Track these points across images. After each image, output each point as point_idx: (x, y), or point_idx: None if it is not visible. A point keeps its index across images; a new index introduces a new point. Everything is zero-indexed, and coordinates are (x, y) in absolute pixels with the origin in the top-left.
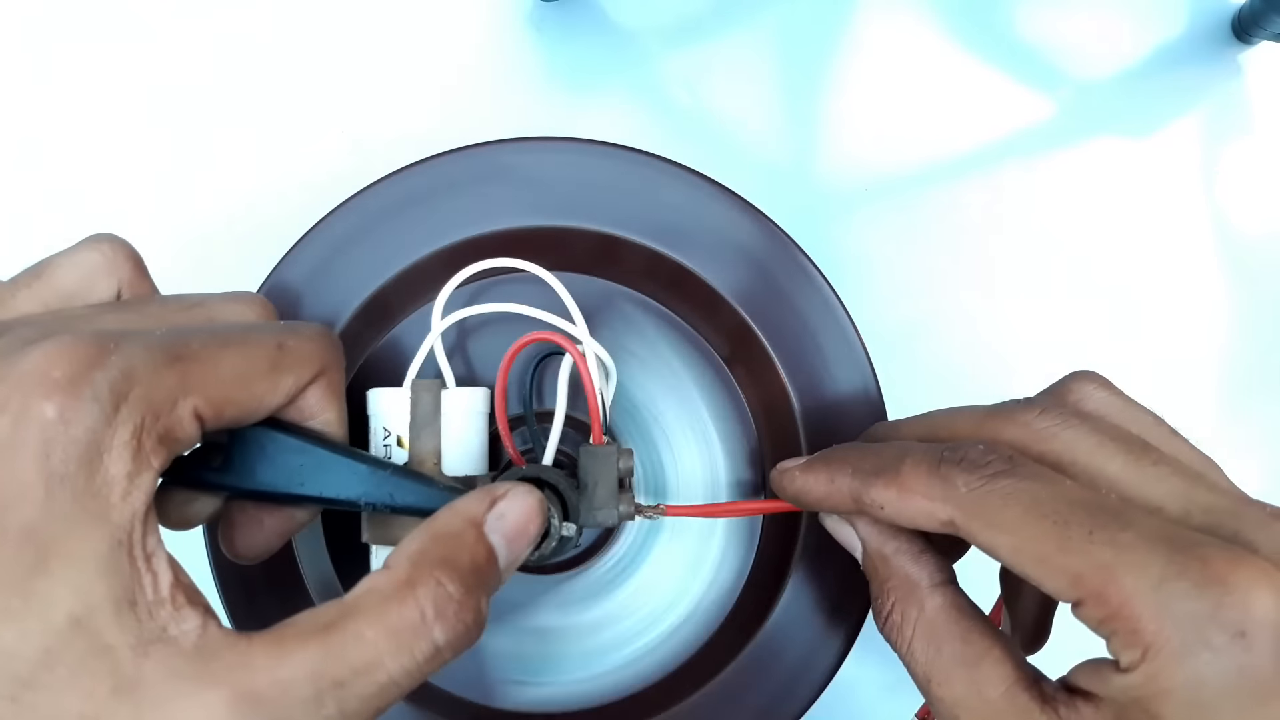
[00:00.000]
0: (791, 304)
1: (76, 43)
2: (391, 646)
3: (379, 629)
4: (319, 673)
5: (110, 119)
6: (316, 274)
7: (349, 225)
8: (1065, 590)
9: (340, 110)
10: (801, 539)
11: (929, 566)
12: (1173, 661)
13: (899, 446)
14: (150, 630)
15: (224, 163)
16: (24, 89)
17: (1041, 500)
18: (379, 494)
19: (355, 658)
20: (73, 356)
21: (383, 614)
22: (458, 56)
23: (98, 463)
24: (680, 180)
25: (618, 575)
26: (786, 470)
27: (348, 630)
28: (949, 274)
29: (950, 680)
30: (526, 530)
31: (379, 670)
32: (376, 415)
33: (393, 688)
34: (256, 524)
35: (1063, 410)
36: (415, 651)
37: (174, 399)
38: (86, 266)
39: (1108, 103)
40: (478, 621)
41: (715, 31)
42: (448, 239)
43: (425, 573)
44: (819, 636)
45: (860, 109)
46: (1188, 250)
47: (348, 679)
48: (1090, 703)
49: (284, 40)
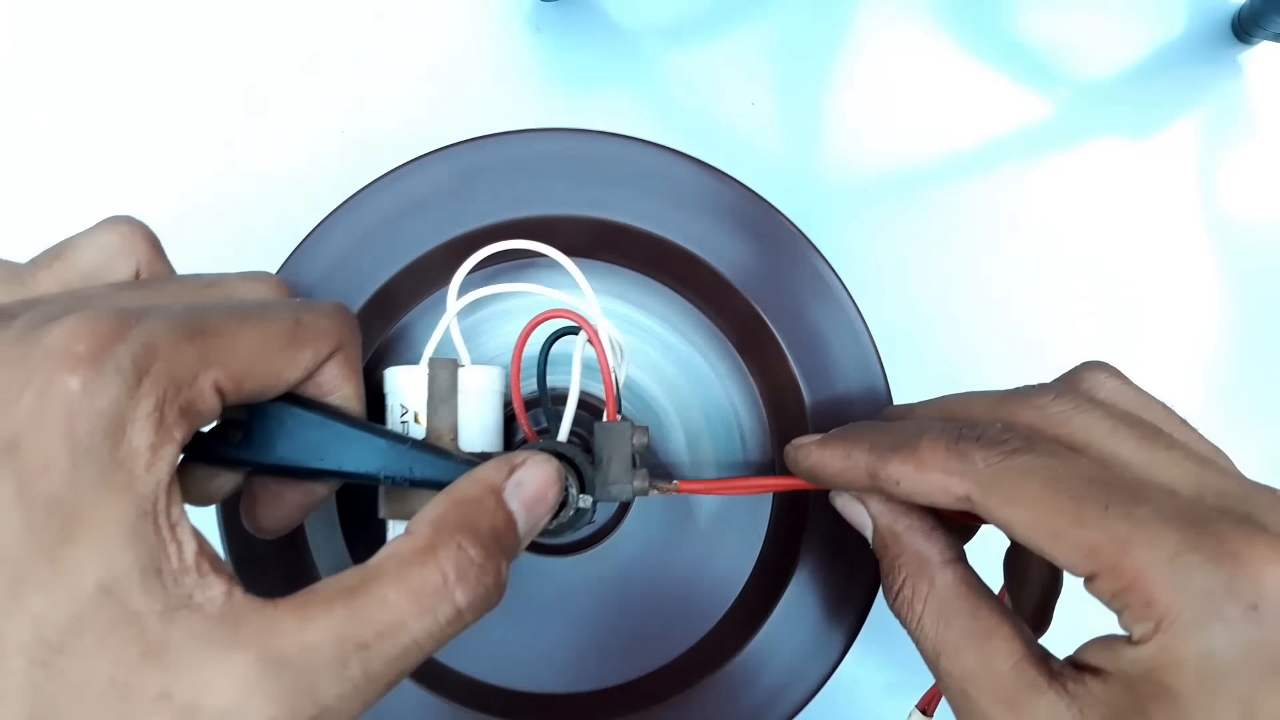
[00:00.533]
0: (802, 297)
1: (84, 43)
2: (414, 609)
3: (402, 592)
4: (343, 635)
5: (124, 109)
6: (327, 267)
7: (357, 220)
8: (1080, 564)
9: (340, 110)
10: (809, 528)
11: (940, 543)
12: (1185, 633)
13: (917, 424)
14: (176, 597)
15: (229, 157)
16: (42, 81)
17: (1059, 476)
18: (398, 467)
19: (379, 620)
20: (95, 331)
21: (405, 577)
22: (458, 56)
23: (122, 434)
24: (692, 171)
25: (627, 558)
26: (802, 445)
27: (371, 593)
28: (949, 273)
29: (960, 654)
30: (545, 497)
31: (402, 632)
32: (394, 392)
33: (416, 649)
34: (278, 498)
35: (1076, 396)
36: (438, 613)
37: (195, 372)
38: (105, 247)
39: (1108, 102)
40: (498, 585)
41: (715, 31)
42: (456, 230)
43: (446, 537)
44: (821, 630)
45: (860, 109)
46: (1187, 250)
47: (372, 641)
48: (1099, 678)
49: (283, 40)
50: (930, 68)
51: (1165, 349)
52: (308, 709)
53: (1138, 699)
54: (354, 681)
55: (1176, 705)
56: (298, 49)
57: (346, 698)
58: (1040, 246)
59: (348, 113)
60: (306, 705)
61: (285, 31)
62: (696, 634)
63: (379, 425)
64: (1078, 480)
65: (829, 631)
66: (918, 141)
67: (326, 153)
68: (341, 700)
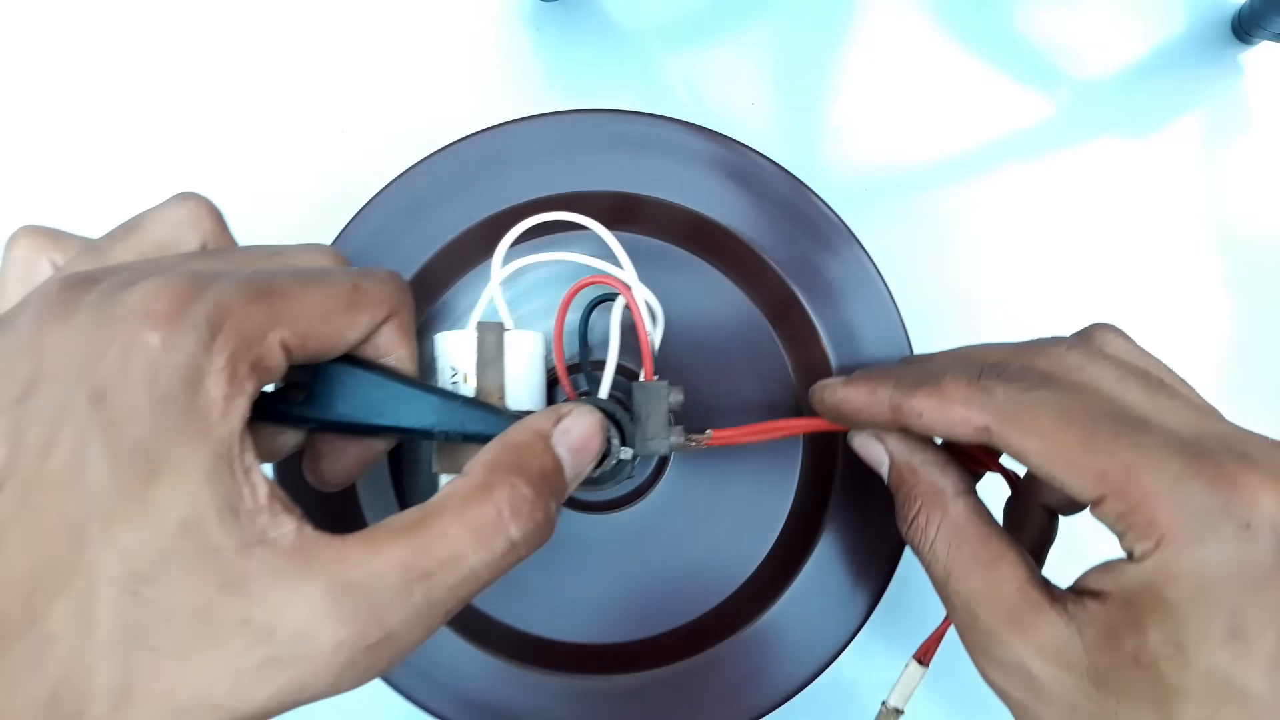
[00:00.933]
0: (834, 274)
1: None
2: (472, 541)
3: (461, 526)
4: (408, 565)
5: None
6: (368, 252)
7: (395, 203)
8: (1089, 487)
9: (339, 110)
10: (835, 492)
11: (953, 476)
12: (1183, 549)
13: (940, 363)
14: (251, 534)
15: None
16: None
17: (1073, 409)
18: (451, 422)
19: (440, 551)
20: (172, 292)
21: (464, 513)
22: (458, 56)
23: (199, 385)
24: (720, 146)
25: (663, 515)
26: (828, 385)
27: (432, 528)
28: (949, 272)
29: (969, 576)
30: (589, 445)
31: (462, 563)
32: (443, 355)
33: (474, 579)
34: (340, 453)
35: (1089, 348)
36: (494, 546)
37: (264, 330)
38: (174, 220)
39: (1108, 102)
40: (548, 521)
41: (715, 31)
42: (492, 209)
43: (501, 476)
44: (846, 591)
45: (860, 109)
46: (1187, 249)
47: (434, 570)
48: (1097, 599)
49: (282, 41)
50: (930, 68)
51: (1165, 348)
52: (375, 632)
53: (1134, 613)
54: (417, 608)
55: (1171, 615)
56: (294, 49)
57: (410, 622)
58: (1040, 245)
59: (347, 113)
60: (374, 628)
61: (284, 32)
62: (722, 594)
63: (432, 385)
64: (1090, 413)
65: (854, 592)
66: (918, 141)
67: (326, 153)
68: (405, 625)
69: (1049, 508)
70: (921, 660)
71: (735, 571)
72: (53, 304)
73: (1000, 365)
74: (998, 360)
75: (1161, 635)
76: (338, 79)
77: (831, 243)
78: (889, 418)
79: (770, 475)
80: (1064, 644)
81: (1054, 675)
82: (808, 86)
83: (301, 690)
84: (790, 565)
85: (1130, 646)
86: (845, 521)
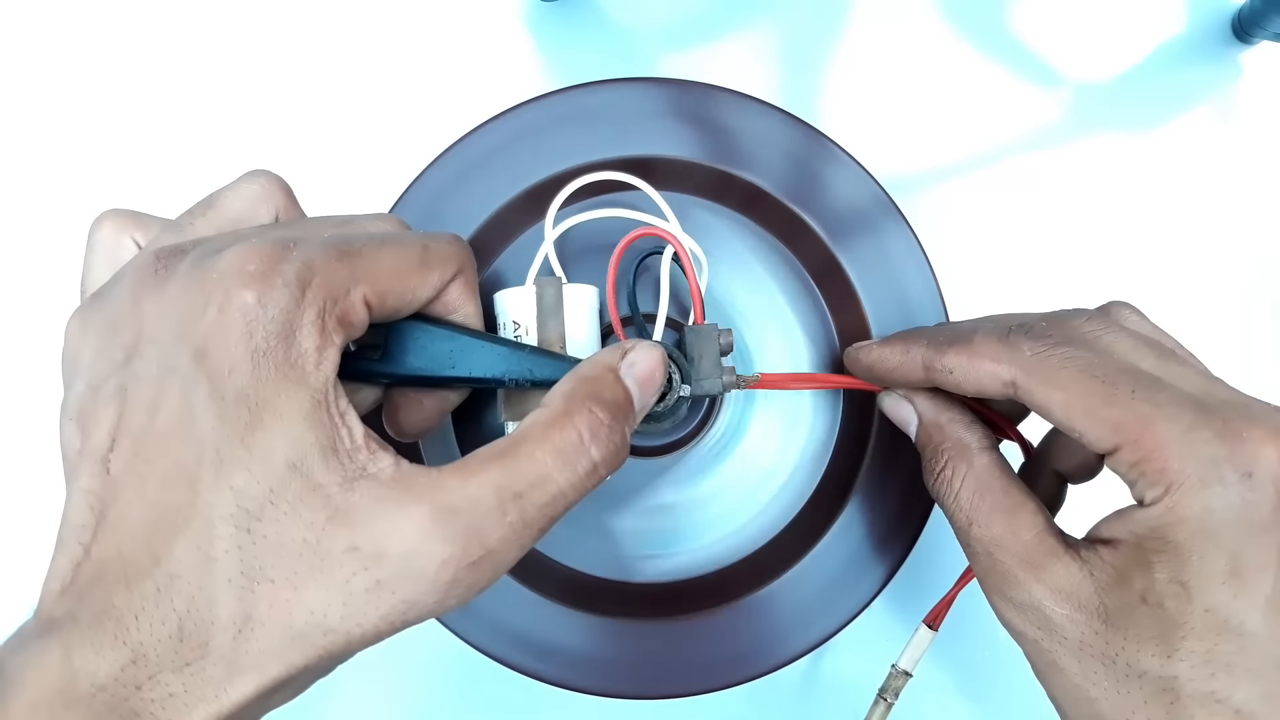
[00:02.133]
0: (878, 242)
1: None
2: (558, 463)
3: (547, 449)
4: (501, 487)
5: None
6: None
7: (438, 179)
8: (1106, 437)
9: (340, 109)
10: (868, 457)
11: (978, 433)
12: (1190, 494)
13: (970, 323)
14: (352, 470)
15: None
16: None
17: (1094, 365)
18: (520, 370)
19: (529, 473)
20: (262, 254)
21: (548, 438)
22: (458, 56)
23: (293, 338)
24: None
25: (719, 454)
26: (863, 345)
27: (521, 453)
28: (949, 272)
29: (991, 523)
30: (653, 377)
31: (550, 483)
32: (504, 312)
33: (561, 498)
34: (417, 405)
35: (1107, 319)
36: (578, 466)
37: (347, 287)
38: (248, 196)
39: (1108, 102)
40: (624, 443)
41: (715, 31)
42: (541, 175)
43: (579, 404)
44: (875, 548)
45: (861, 109)
46: (1187, 249)
47: (525, 490)
48: (1108, 546)
49: (283, 40)
50: (930, 68)
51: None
52: (476, 549)
53: (1143, 555)
54: (513, 526)
55: (1176, 555)
56: (293, 49)
57: (507, 540)
58: (1040, 245)
59: (348, 112)
60: (475, 546)
61: (284, 32)
62: (751, 547)
63: (500, 336)
64: (1110, 369)
65: (876, 558)
66: (917, 141)
67: (325, 152)
68: (503, 542)
69: (1060, 474)
70: (931, 625)
71: (765, 526)
72: (147, 274)
73: (1027, 325)
74: (1024, 322)
75: (1167, 574)
76: (337, 79)
77: (881, 223)
78: (921, 375)
79: (807, 440)
80: (1076, 585)
81: (1066, 614)
82: (807, 86)
83: (410, 609)
84: (817, 526)
85: (1138, 586)
86: (873, 491)
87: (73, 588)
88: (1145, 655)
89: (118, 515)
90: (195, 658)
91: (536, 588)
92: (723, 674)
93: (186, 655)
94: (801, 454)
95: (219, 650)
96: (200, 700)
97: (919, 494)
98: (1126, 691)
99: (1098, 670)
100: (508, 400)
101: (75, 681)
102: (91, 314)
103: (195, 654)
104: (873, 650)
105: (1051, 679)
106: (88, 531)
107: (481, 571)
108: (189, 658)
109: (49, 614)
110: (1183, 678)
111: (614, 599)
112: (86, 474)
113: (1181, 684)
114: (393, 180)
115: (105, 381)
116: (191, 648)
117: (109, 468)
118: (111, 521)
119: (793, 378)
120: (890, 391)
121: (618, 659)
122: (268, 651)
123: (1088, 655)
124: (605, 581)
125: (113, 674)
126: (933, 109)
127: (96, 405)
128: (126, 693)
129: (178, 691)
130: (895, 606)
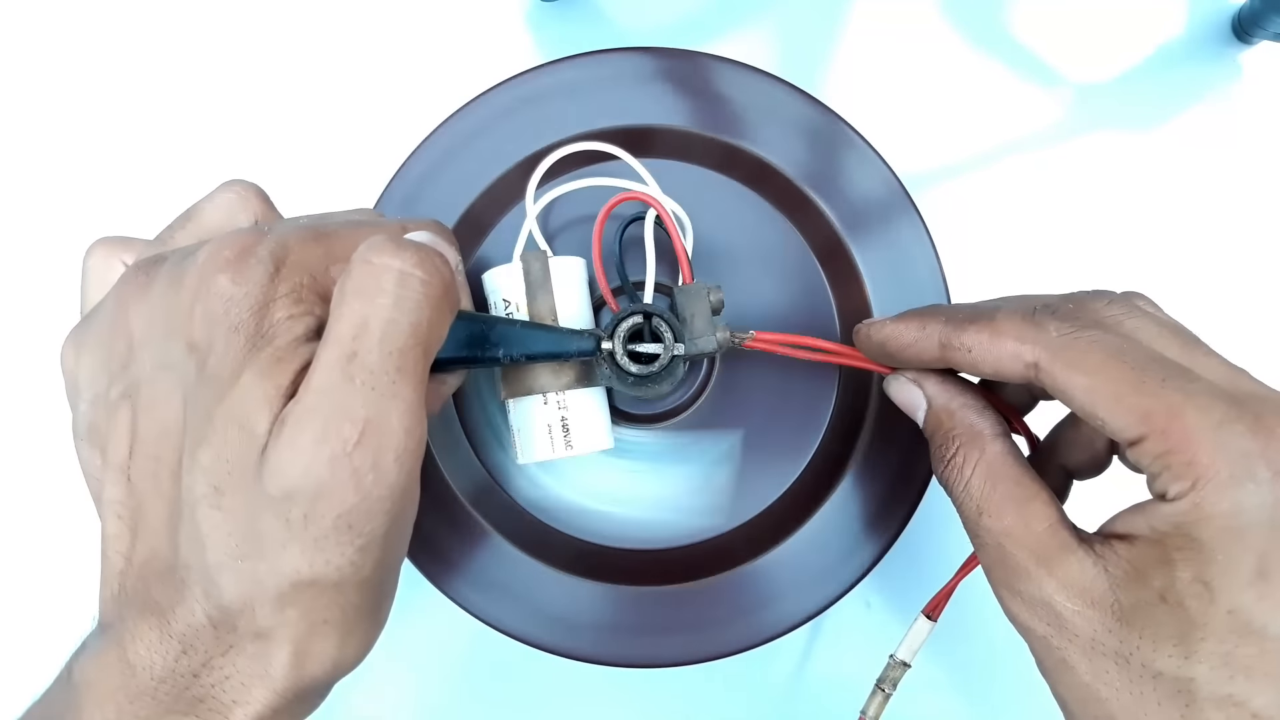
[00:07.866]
0: (885, 226)
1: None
2: (364, 302)
3: (348, 295)
4: (333, 361)
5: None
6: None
7: (421, 169)
8: (1132, 426)
9: (340, 110)
10: (863, 434)
11: (991, 419)
12: (1219, 490)
13: (992, 302)
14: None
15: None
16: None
17: (1123, 350)
18: (514, 345)
19: (347, 328)
20: (237, 240)
21: (344, 287)
22: (457, 56)
23: (266, 311)
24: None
25: (708, 428)
26: (874, 322)
27: (333, 317)
28: (949, 272)
29: (1002, 513)
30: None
31: (371, 323)
32: (494, 291)
33: (394, 326)
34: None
35: (1129, 304)
36: (384, 288)
37: (325, 265)
38: (225, 205)
39: (1108, 102)
40: (428, 250)
41: (715, 31)
42: (521, 154)
43: (355, 251)
44: (871, 521)
45: (861, 109)
46: (1187, 249)
47: (354, 347)
48: (1125, 542)
49: (281, 41)
50: (929, 68)
51: None
52: (348, 428)
53: (1164, 552)
54: (365, 383)
55: (1201, 554)
56: (292, 50)
57: (371, 400)
58: (1040, 245)
59: (347, 112)
60: (345, 426)
61: (283, 33)
62: (746, 515)
63: (492, 315)
64: (1140, 355)
65: (869, 532)
66: (917, 141)
67: (324, 152)
68: (369, 405)
69: (1067, 469)
70: (930, 615)
71: (761, 494)
72: (131, 285)
73: (1052, 305)
74: (1049, 302)
75: (1190, 573)
76: (337, 79)
77: (890, 204)
78: (936, 354)
79: (802, 413)
80: (1090, 581)
81: (1078, 611)
82: (808, 86)
83: (350, 528)
84: (814, 498)
85: (1157, 584)
86: (869, 466)
87: (122, 593)
88: (1162, 655)
89: (145, 519)
90: (233, 641)
91: (541, 556)
92: (711, 644)
93: (225, 639)
94: (793, 436)
95: (246, 629)
96: (254, 678)
97: (909, 483)
98: (1140, 692)
99: (1109, 669)
100: (506, 378)
101: (135, 677)
102: (83, 334)
103: (231, 637)
104: (871, 640)
105: (1059, 677)
106: (124, 541)
107: (369, 448)
108: (229, 641)
109: (106, 620)
110: (1200, 680)
111: (611, 567)
112: (110, 486)
113: (1199, 686)
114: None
115: (107, 392)
116: (225, 632)
117: (129, 475)
118: (142, 526)
119: (790, 339)
120: (899, 374)
121: (617, 624)
122: (284, 623)
123: (1099, 654)
124: (599, 548)
125: (169, 665)
126: (935, 109)
127: (105, 418)
128: (186, 682)
129: (232, 674)
130: (894, 597)
